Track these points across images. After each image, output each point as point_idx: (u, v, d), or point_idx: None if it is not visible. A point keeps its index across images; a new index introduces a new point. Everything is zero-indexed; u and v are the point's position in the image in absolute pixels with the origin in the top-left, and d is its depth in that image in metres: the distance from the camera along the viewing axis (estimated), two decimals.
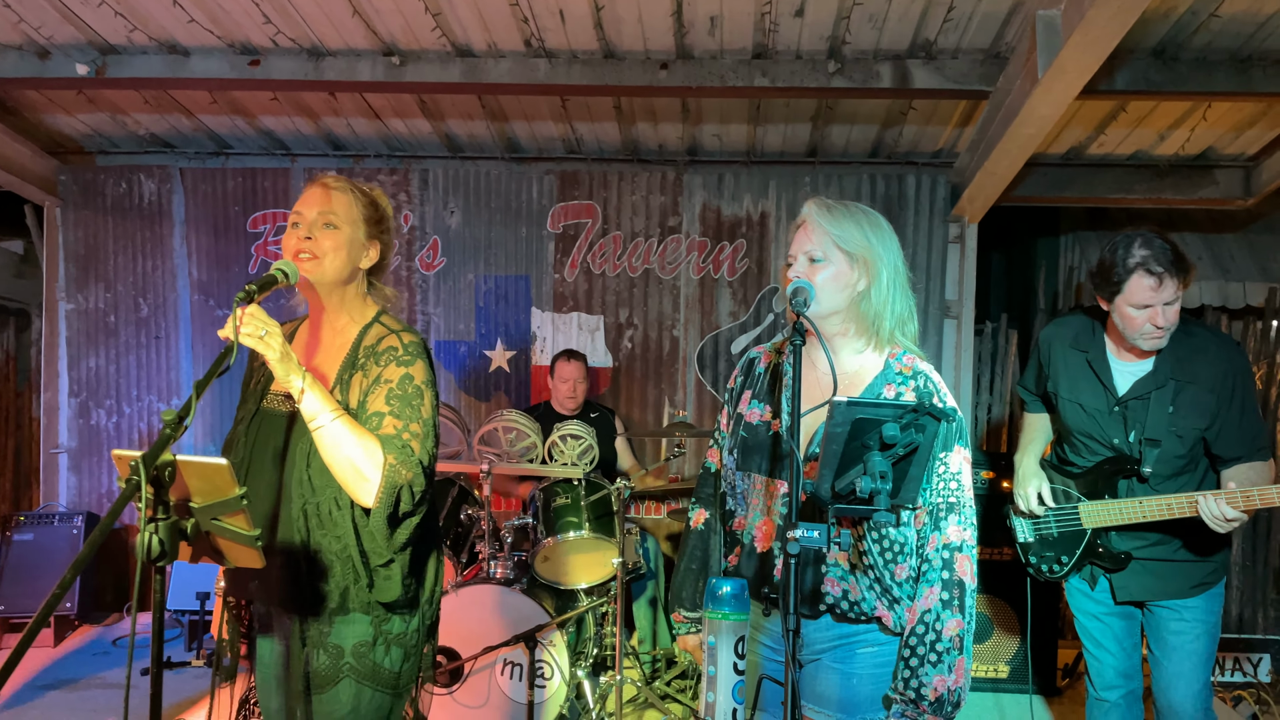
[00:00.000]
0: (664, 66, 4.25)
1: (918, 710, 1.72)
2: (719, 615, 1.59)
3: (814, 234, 1.84)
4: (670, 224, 5.22)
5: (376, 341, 1.95)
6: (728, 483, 2.03)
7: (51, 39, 4.21)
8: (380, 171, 5.32)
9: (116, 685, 4.20)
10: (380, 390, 1.88)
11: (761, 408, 1.97)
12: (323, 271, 1.91)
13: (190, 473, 1.47)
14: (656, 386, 5.22)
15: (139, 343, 5.36)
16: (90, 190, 5.36)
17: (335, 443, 1.77)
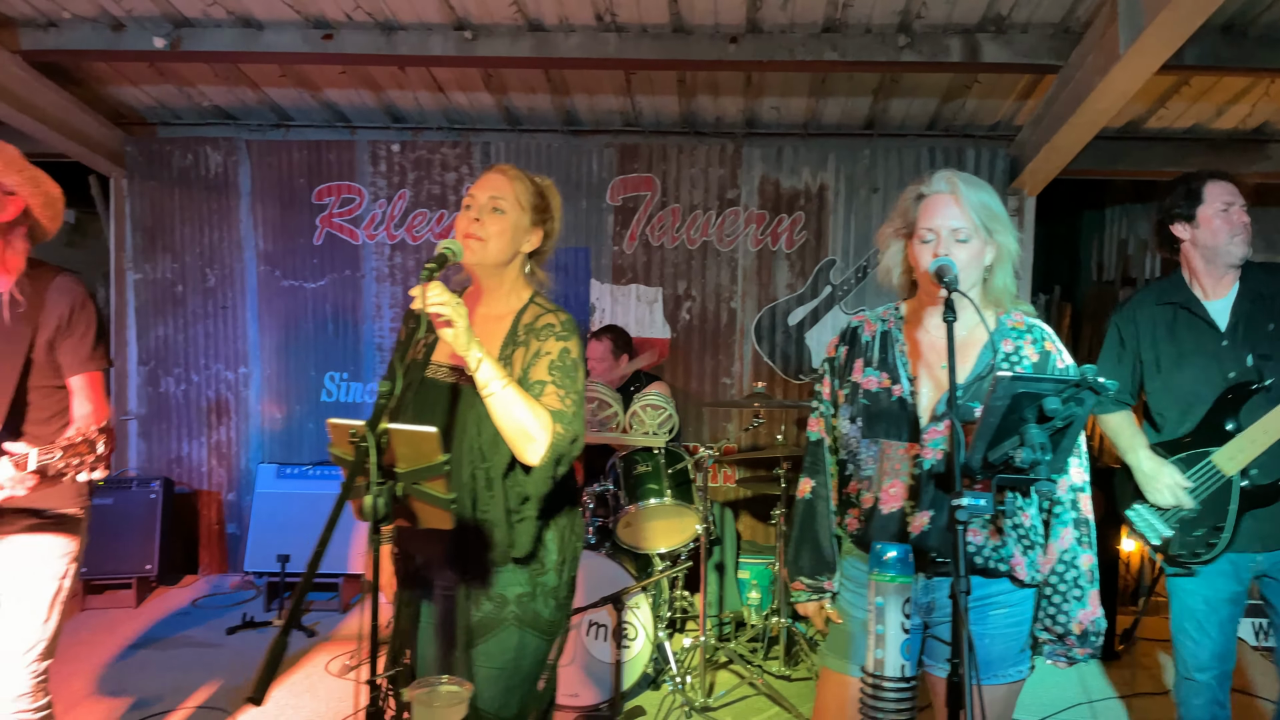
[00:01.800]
0: (733, 40, 4.29)
1: (1066, 646, 1.85)
2: (885, 577, 1.69)
3: (959, 209, 1.92)
4: (729, 196, 5.28)
5: (535, 319, 2.07)
6: (847, 449, 2.11)
7: (130, 11, 4.27)
8: (442, 145, 5.38)
9: (201, 644, 4.34)
10: (542, 362, 2.00)
11: (878, 375, 2.05)
12: (486, 254, 2.03)
13: (400, 440, 1.57)
14: (714, 358, 5.31)
15: (206, 312, 5.47)
16: (156, 161, 5.44)
17: (507, 407, 1.88)
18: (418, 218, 5.42)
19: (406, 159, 5.40)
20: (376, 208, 5.42)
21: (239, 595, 5.04)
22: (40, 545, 2.36)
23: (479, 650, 1.99)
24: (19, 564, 2.35)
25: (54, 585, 2.38)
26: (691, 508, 3.71)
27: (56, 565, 2.39)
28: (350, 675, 3.98)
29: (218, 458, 5.50)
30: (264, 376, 5.50)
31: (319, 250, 5.44)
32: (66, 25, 4.40)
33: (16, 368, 2.27)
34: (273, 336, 5.49)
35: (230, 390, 5.50)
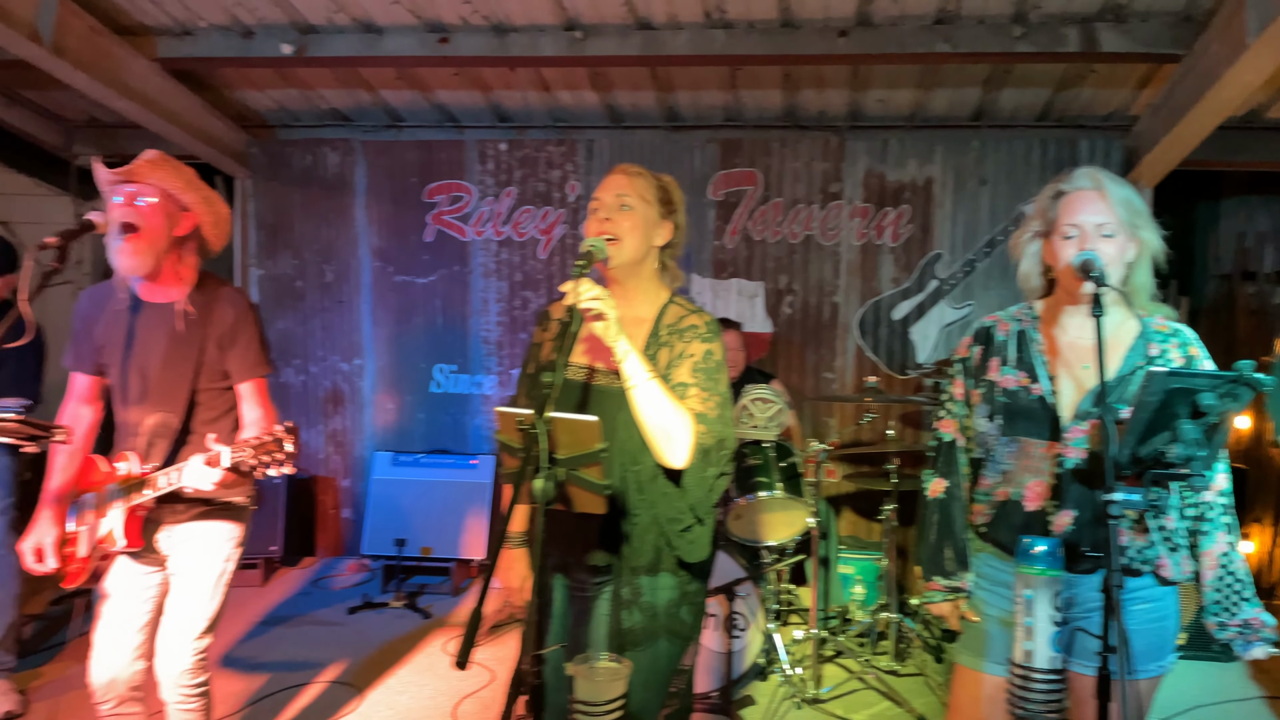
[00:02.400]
0: (843, 34, 4.29)
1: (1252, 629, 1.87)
2: (1035, 570, 1.71)
3: (1104, 205, 1.92)
4: (832, 190, 5.28)
5: (677, 320, 2.09)
6: (983, 446, 2.12)
7: (261, 20, 4.48)
8: (548, 143, 5.51)
9: (325, 622, 4.55)
10: (685, 363, 2.02)
11: (1015, 373, 2.06)
12: (622, 251, 2.05)
13: (562, 428, 1.65)
14: (815, 352, 5.32)
15: (323, 306, 5.70)
16: (277, 162, 5.70)
17: (651, 402, 1.90)
18: (523, 214, 5.55)
19: (513, 157, 5.54)
20: (484, 205, 5.58)
21: (356, 577, 5.25)
22: (209, 530, 2.53)
23: (631, 656, 2.02)
24: (190, 547, 2.52)
25: (220, 567, 2.55)
26: (801, 501, 3.74)
27: (223, 549, 2.55)
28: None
29: (334, 445, 5.74)
30: (377, 368, 5.72)
31: (429, 247, 5.63)
32: (201, 34, 4.64)
33: (190, 371, 2.44)
34: (385, 329, 5.69)
35: (345, 381, 5.73)
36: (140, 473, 2.40)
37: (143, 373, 2.46)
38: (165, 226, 2.39)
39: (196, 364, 2.45)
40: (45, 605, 4.67)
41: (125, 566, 2.55)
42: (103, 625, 2.53)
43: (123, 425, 2.51)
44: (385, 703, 3.67)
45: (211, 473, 2.22)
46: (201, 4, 4.32)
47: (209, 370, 2.48)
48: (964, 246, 5.19)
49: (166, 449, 2.44)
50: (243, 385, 2.53)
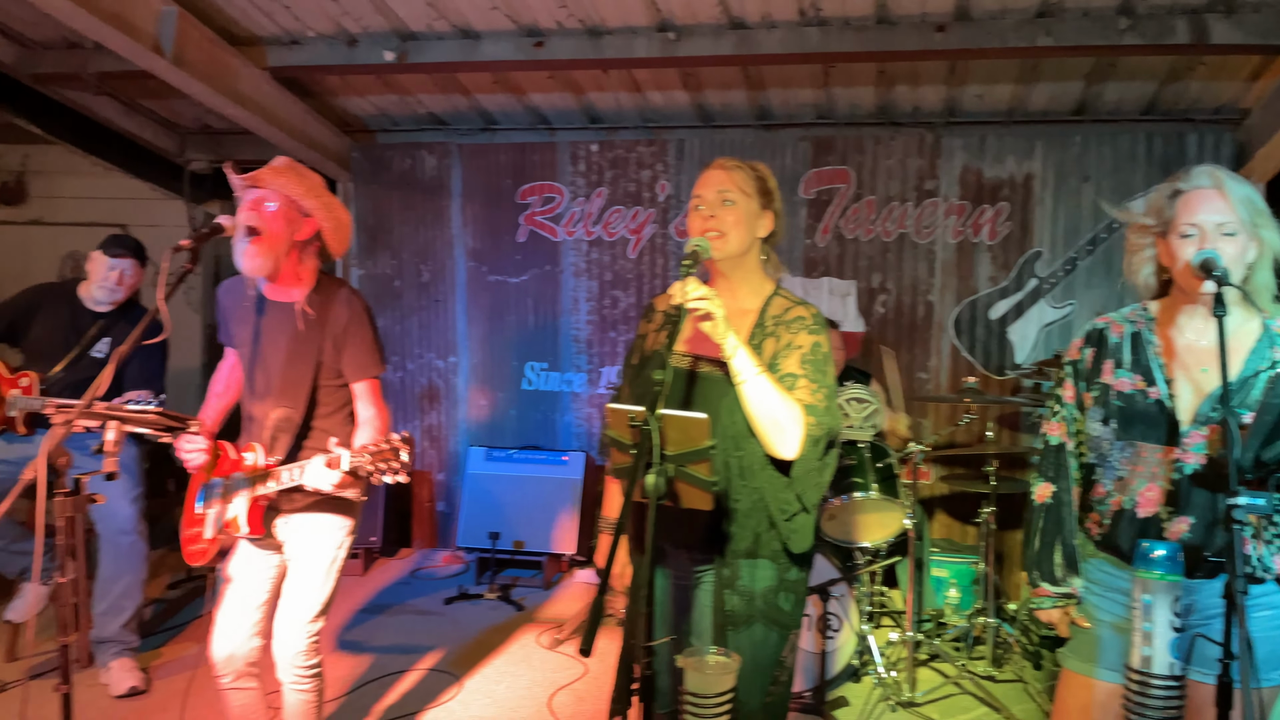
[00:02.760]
0: (940, 29, 4.22)
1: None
2: (1154, 575, 1.67)
3: (1225, 204, 1.87)
4: (927, 187, 5.20)
5: (783, 311, 2.11)
6: (1096, 451, 2.08)
7: (365, 28, 4.63)
8: (639, 143, 5.56)
9: (423, 612, 4.69)
10: (793, 355, 2.04)
11: (1130, 376, 2.01)
12: (727, 245, 2.08)
13: (672, 424, 1.69)
14: (909, 352, 5.25)
15: (420, 305, 5.87)
16: (378, 166, 5.88)
17: (761, 396, 1.93)
18: (614, 214, 5.62)
19: (604, 158, 5.60)
20: (575, 206, 5.66)
21: (451, 569, 5.39)
22: (323, 520, 2.65)
23: (732, 637, 2.05)
24: (305, 536, 2.64)
25: (332, 554, 2.66)
26: (897, 503, 3.71)
27: (335, 537, 2.67)
28: (560, 649, 4.21)
29: (429, 440, 5.90)
30: (471, 365, 5.85)
31: (522, 247, 5.73)
32: (308, 43, 4.81)
33: (310, 368, 2.56)
34: (479, 328, 5.82)
35: (441, 378, 5.88)
36: (265, 465, 2.52)
37: (267, 369, 2.59)
38: (286, 231, 2.51)
39: (315, 362, 2.57)
40: (163, 589, 4.93)
41: (246, 550, 2.69)
42: (224, 604, 2.67)
43: (249, 418, 2.65)
44: (483, 691, 3.76)
45: (331, 474, 2.34)
46: (310, 14, 4.49)
47: (327, 368, 2.59)
48: (1065, 244, 5.05)
49: (289, 442, 2.56)
50: (356, 385, 2.64)
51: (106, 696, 3.62)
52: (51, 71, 5.14)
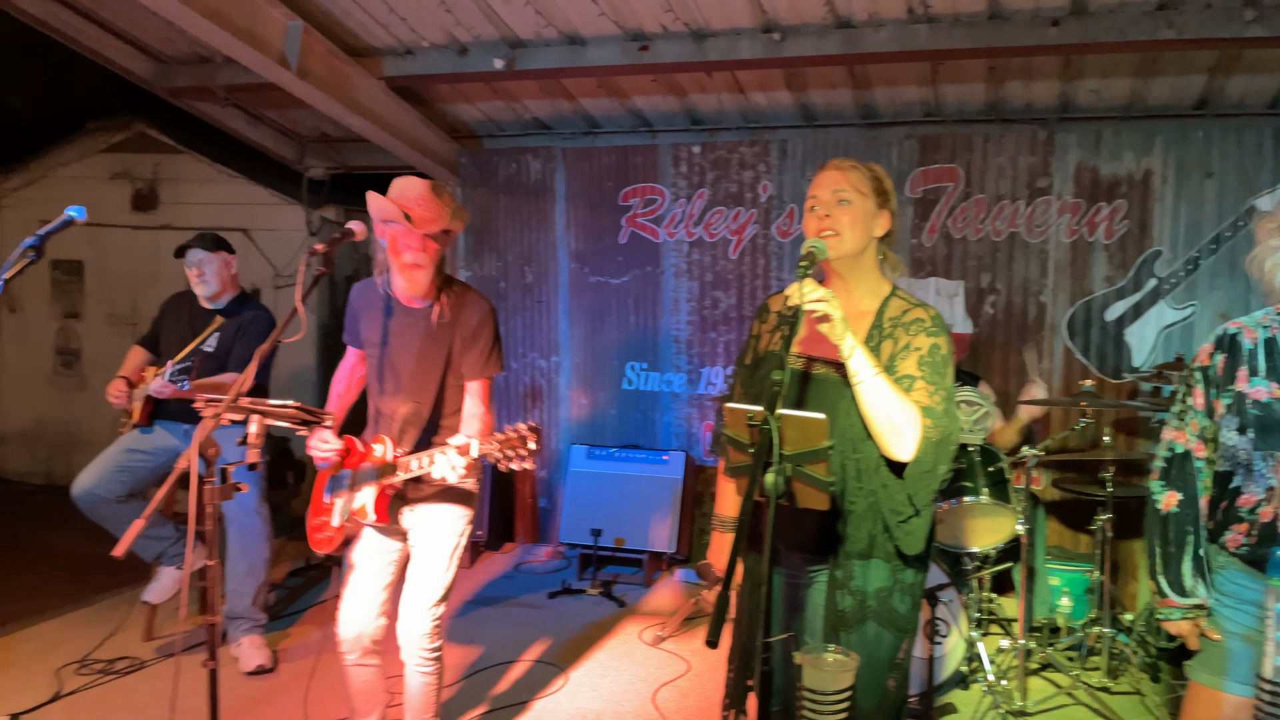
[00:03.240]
0: (1054, 23, 4.12)
1: None
2: None
3: None
4: (1039, 185, 5.06)
5: (901, 313, 2.10)
6: (1234, 461, 2.01)
7: (477, 37, 4.77)
8: (740, 144, 5.57)
9: (528, 605, 4.81)
10: (911, 357, 2.02)
11: (1267, 385, 1.95)
12: (843, 245, 2.07)
13: (790, 424, 1.71)
14: (1019, 354, 5.11)
15: (524, 306, 6.00)
16: (485, 170, 6.04)
17: (877, 397, 1.92)
18: (715, 215, 5.64)
19: (706, 159, 5.63)
20: (676, 207, 5.70)
21: (553, 564, 5.51)
22: (445, 510, 2.77)
23: (844, 637, 2.05)
24: (428, 525, 2.77)
25: (454, 541, 2.78)
26: (1008, 508, 3.63)
27: (457, 525, 2.79)
28: (663, 645, 4.25)
29: None
30: (572, 365, 5.96)
31: (623, 248, 5.81)
32: (421, 53, 4.98)
33: (440, 367, 2.71)
34: (581, 328, 5.92)
35: (543, 377, 6.00)
36: (394, 456, 2.64)
37: (398, 366, 2.72)
38: (439, 254, 2.68)
39: (445, 361, 2.70)
40: (285, 575, 5.17)
41: (370, 537, 2.82)
42: (351, 586, 2.81)
43: (378, 413, 2.78)
44: (588, 684, 3.84)
45: (460, 461, 2.44)
46: (424, 25, 4.65)
47: (454, 367, 2.73)
48: (1186, 243, 4.85)
49: (416, 436, 2.69)
50: (470, 383, 2.76)
51: (236, 673, 3.82)
52: (184, 85, 5.45)
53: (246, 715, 3.47)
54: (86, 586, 4.86)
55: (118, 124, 7.25)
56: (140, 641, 4.15)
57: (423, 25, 4.67)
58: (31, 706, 3.50)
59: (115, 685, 3.74)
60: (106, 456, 3.91)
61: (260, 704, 3.59)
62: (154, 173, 7.31)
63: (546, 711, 3.59)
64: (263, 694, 3.68)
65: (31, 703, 3.52)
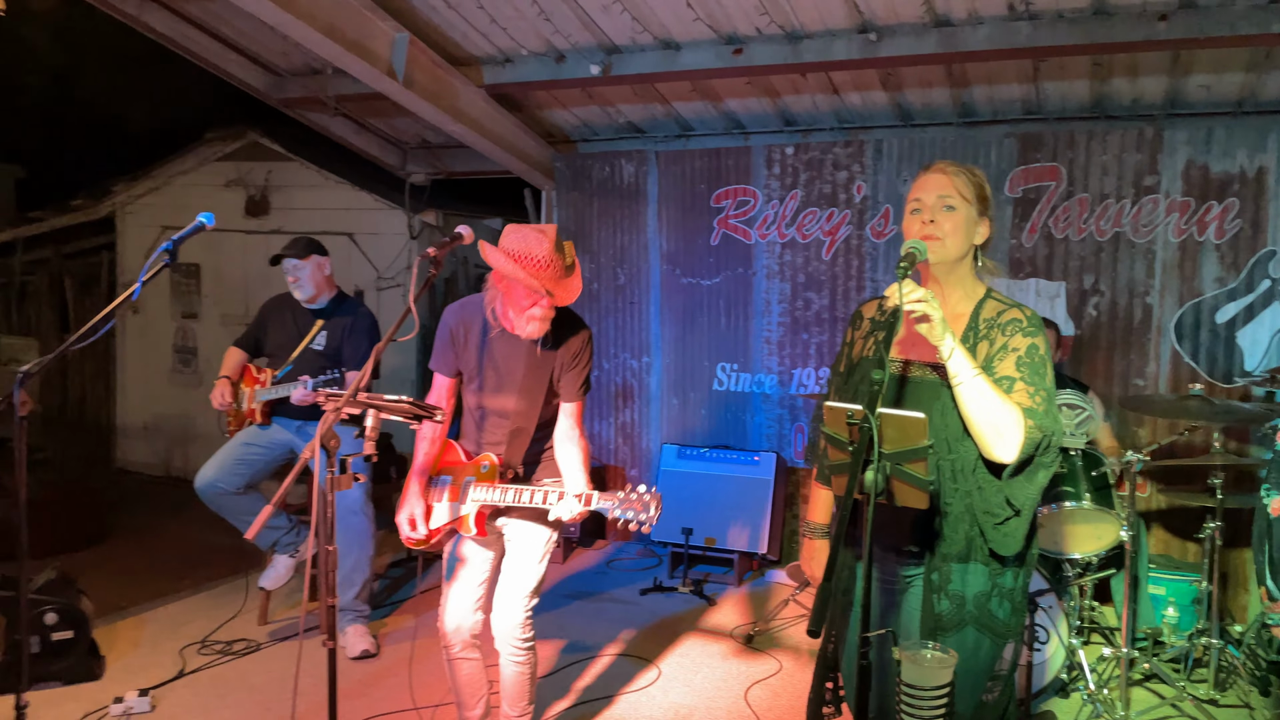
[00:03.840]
0: (1162, 18, 4.00)
1: None
2: None
3: None
4: (1146, 184, 4.91)
5: (996, 314, 2.09)
6: None
7: (574, 45, 4.88)
8: (834, 145, 5.55)
9: (619, 600, 4.89)
10: (1009, 357, 2.01)
11: None
12: (946, 251, 2.07)
13: (890, 423, 1.73)
14: (1124, 357, 4.98)
15: (616, 307, 6.10)
16: (579, 174, 6.16)
17: (978, 398, 1.91)
18: (807, 216, 5.63)
19: (799, 160, 5.63)
20: (769, 208, 5.72)
21: (644, 561, 5.58)
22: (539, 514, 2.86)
23: (943, 640, 2.04)
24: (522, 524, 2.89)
25: (545, 538, 2.89)
26: (1111, 514, 3.55)
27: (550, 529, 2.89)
28: (754, 644, 4.28)
29: (623, 437, 6.12)
30: (663, 365, 6.02)
31: (715, 250, 5.85)
32: (520, 61, 5.12)
33: (544, 390, 2.85)
34: (672, 329, 5.99)
35: (634, 377, 6.09)
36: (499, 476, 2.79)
37: (503, 389, 2.86)
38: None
39: (549, 382, 2.83)
40: (385, 568, 5.37)
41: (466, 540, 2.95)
42: (453, 584, 2.94)
43: (483, 430, 2.90)
44: (680, 680, 3.90)
45: (577, 508, 2.61)
46: (523, 34, 4.78)
47: (553, 388, 2.87)
48: None
49: (521, 455, 2.83)
50: (566, 405, 2.91)
51: (343, 659, 4.00)
52: (296, 96, 5.72)
53: (357, 697, 3.64)
54: (205, 572, 5.15)
55: (233, 133, 7.63)
56: (256, 625, 4.38)
57: (522, 34, 4.80)
58: (159, 682, 3.73)
59: (233, 665, 3.96)
60: (226, 451, 4.15)
61: (369, 686, 3.76)
62: (266, 180, 7.67)
63: (639, 705, 3.66)
64: (369, 678, 3.85)
65: (159, 679, 3.76)
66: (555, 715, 3.55)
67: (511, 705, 2.99)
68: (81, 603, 3.80)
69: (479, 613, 2.98)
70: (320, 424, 2.20)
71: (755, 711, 3.61)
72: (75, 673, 3.72)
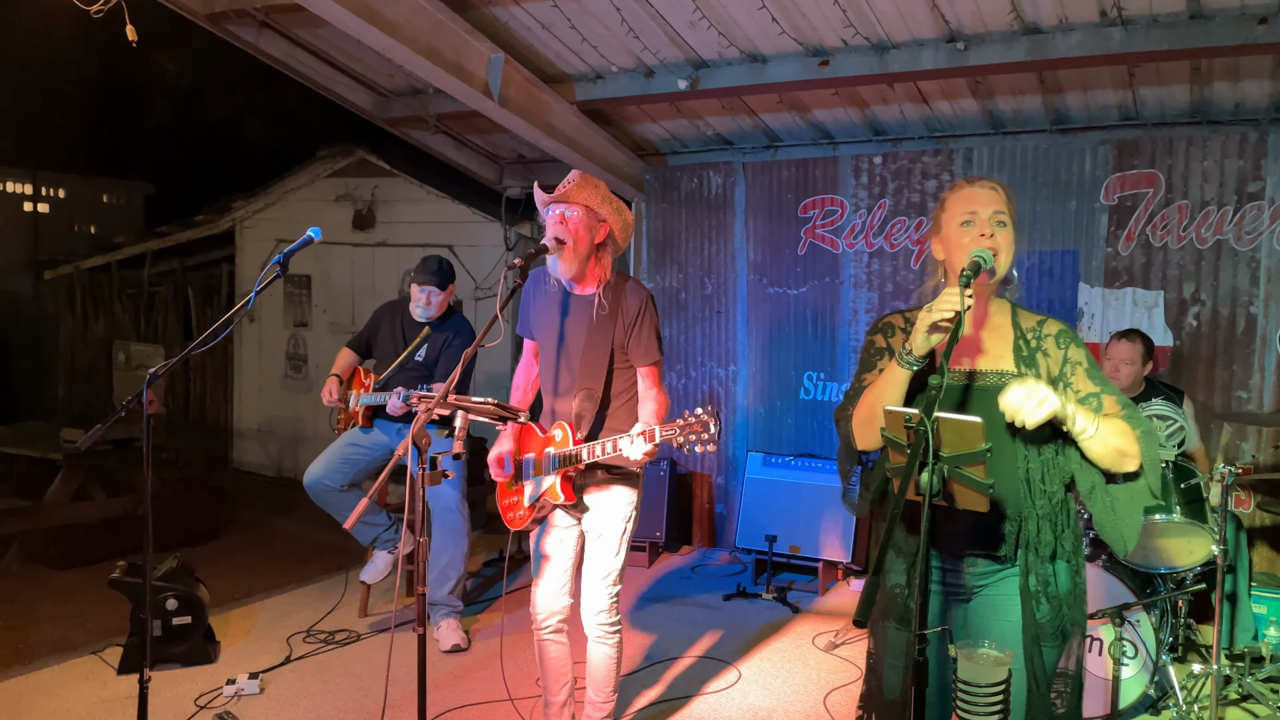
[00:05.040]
0: (1262, 21, 3.89)
1: None
2: None
3: None
4: (1249, 190, 4.75)
5: (1036, 324, 2.16)
6: None
7: (662, 60, 5.00)
8: (923, 154, 5.53)
9: (702, 605, 4.97)
10: (1079, 372, 2.09)
11: None
12: (1001, 265, 2.11)
13: (947, 427, 1.78)
14: (1226, 368, 4.81)
15: (703, 316, 6.19)
16: (668, 186, 6.29)
17: (1104, 441, 1.96)
18: (896, 226, 5.63)
19: (887, 170, 5.63)
20: (856, 218, 5.73)
21: (729, 568, 5.65)
22: (613, 495, 2.98)
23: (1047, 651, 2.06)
24: (600, 510, 2.99)
25: (623, 525, 3.00)
26: (1204, 528, 3.46)
27: (625, 510, 3.00)
28: (836, 652, 4.30)
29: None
30: (749, 374, 6.09)
31: (802, 259, 5.89)
32: (610, 77, 5.27)
33: (606, 354, 2.93)
34: (758, 338, 6.05)
35: (721, 385, 6.17)
36: (575, 441, 2.88)
37: (569, 356, 2.97)
38: (588, 236, 2.90)
39: (610, 348, 2.92)
40: (480, 565, 5.58)
41: (556, 525, 3.07)
42: (542, 570, 3.08)
43: (554, 397, 3.03)
44: (761, 683, 3.95)
45: (644, 445, 2.64)
46: (613, 51, 4.93)
47: (619, 353, 2.94)
48: None
49: (591, 420, 2.93)
50: (641, 369, 2.97)
51: (436, 651, 4.20)
52: (400, 115, 6.01)
53: (446, 688, 3.82)
54: (313, 567, 5.45)
55: (342, 151, 8.04)
56: (357, 617, 4.62)
57: (611, 51, 4.95)
58: (268, 667, 3.99)
59: (336, 654, 4.19)
60: (332, 451, 4.40)
61: (458, 679, 3.93)
62: (372, 194, 8.04)
63: (719, 705, 3.74)
64: (460, 670, 4.03)
65: (267, 664, 4.02)
66: (636, 711, 3.65)
67: (596, 691, 3.10)
68: (199, 590, 4.09)
69: (567, 597, 3.10)
70: (413, 424, 2.37)
71: (833, 716, 3.64)
72: (193, 655, 4.01)
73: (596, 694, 3.10)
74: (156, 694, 3.69)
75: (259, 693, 3.74)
